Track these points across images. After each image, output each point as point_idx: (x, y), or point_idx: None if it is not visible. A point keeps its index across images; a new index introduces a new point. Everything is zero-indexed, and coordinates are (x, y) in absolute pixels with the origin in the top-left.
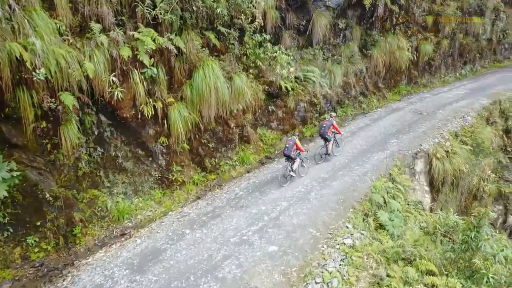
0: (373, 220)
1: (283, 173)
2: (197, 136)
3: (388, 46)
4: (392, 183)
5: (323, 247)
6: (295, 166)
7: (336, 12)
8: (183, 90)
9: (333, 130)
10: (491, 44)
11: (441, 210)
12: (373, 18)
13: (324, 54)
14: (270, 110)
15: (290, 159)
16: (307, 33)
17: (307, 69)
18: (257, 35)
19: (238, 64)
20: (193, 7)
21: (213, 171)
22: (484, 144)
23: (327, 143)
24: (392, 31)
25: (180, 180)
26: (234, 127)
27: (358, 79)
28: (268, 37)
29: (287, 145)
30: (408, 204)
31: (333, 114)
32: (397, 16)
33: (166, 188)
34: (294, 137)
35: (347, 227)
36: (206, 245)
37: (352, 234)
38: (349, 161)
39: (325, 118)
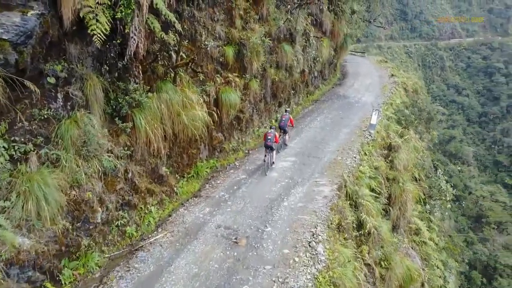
0: None
1: (267, 162)
2: None
3: (165, 107)
4: None
5: None
6: (274, 155)
7: (29, 49)
8: None
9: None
10: (304, 76)
11: None
12: (127, 59)
13: (12, 146)
14: None
15: (271, 149)
16: None
17: None
18: None
19: None
20: None
21: None
22: None
23: (285, 135)
24: (171, 79)
25: None
26: None
27: (113, 180)
28: None
29: (269, 137)
30: None
31: (288, 109)
32: (177, 50)
33: None
34: (273, 129)
35: None
36: None
37: None
38: None
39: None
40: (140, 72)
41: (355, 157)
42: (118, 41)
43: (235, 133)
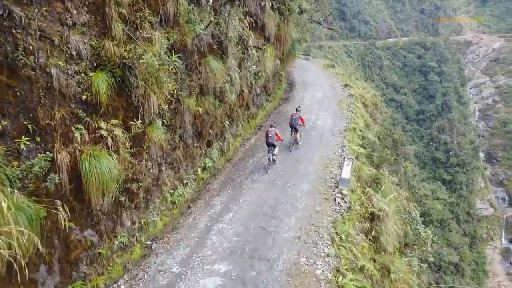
0: None
1: (267, 160)
2: None
3: None
4: None
5: None
6: (276, 151)
7: None
8: None
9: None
10: (243, 98)
11: None
12: None
13: None
14: None
15: (273, 146)
16: None
17: None
18: None
19: None
20: None
21: None
22: None
23: (296, 133)
24: None
25: None
26: None
27: None
28: None
29: (270, 135)
30: None
31: (299, 107)
32: None
33: None
34: (273, 127)
35: None
36: None
37: None
38: None
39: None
40: None
41: (327, 255)
42: None
43: (126, 217)
